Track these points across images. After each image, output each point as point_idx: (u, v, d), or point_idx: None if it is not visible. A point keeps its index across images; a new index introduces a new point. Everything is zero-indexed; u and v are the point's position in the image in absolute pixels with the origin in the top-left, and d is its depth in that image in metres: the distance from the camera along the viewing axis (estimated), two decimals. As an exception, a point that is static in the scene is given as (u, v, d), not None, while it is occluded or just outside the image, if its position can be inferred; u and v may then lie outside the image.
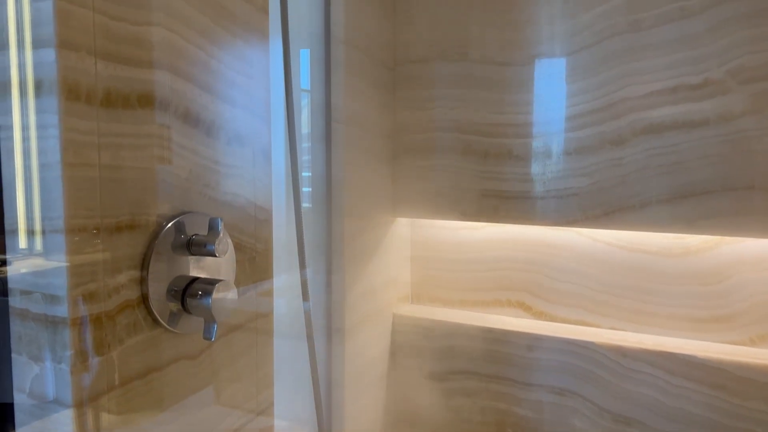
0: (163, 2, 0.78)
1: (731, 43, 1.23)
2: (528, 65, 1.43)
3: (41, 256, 0.69)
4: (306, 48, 1.39)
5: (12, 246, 0.71)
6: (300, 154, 1.37)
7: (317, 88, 1.42)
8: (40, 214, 0.68)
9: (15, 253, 0.71)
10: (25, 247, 0.71)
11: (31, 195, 0.69)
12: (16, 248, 0.71)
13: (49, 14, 0.64)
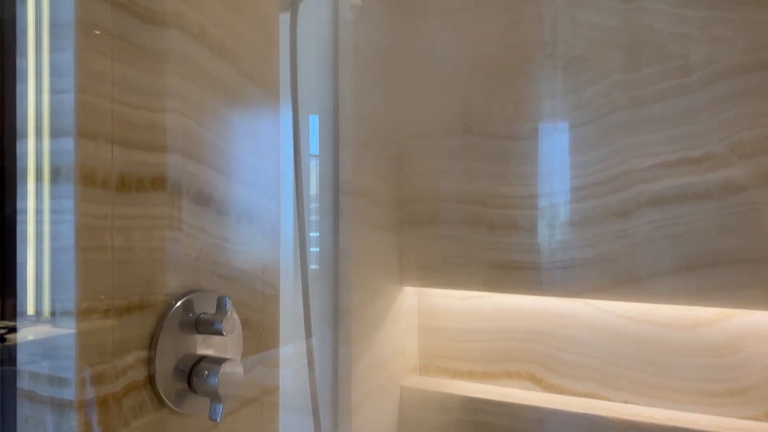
0: (177, 90, 0.82)
1: (730, 119, 1.26)
2: (532, 139, 1.47)
3: (51, 338, 0.70)
4: (315, 114, 1.44)
5: (22, 326, 0.72)
6: (308, 224, 1.39)
7: (325, 156, 1.46)
8: (50, 296, 0.69)
9: (25, 334, 0.71)
10: (35, 329, 0.71)
11: (42, 277, 0.70)
12: (27, 329, 0.72)
13: (71, 105, 0.67)
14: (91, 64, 0.69)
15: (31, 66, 0.71)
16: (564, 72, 1.42)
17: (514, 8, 1.48)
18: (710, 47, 1.27)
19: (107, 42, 0.71)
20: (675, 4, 1.30)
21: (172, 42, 0.81)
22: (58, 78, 0.69)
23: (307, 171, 1.40)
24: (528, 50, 1.47)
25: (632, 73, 1.35)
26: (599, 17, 1.38)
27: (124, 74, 0.73)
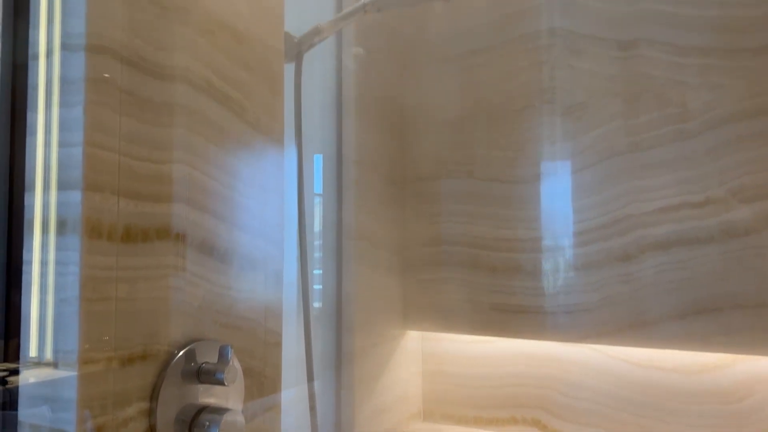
0: (183, 141, 0.83)
1: (730, 164, 1.27)
2: (533, 182, 1.48)
3: (52, 388, 0.69)
4: (319, 153, 1.46)
5: (25, 373, 0.72)
6: (311, 267, 1.40)
7: (329, 196, 1.47)
8: (53, 346, 0.70)
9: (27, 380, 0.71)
10: (37, 375, 0.72)
11: (46, 328, 0.70)
12: (29, 374, 0.72)
13: (79, 159, 0.69)
14: (100, 118, 0.71)
15: (40, 120, 0.73)
16: (563, 118, 1.45)
17: (513, 57, 1.51)
18: (708, 94, 1.29)
19: (116, 97, 0.73)
20: (672, 53, 1.33)
21: (179, 95, 0.82)
22: (67, 132, 0.70)
23: (311, 210, 1.41)
24: (528, 97, 1.49)
25: (631, 119, 1.36)
26: (597, 65, 1.41)
27: (131, 128, 0.75)
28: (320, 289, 1.46)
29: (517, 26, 1.52)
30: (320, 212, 1.46)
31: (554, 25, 1.47)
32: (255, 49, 0.96)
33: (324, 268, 1.47)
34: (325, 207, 1.47)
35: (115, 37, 0.73)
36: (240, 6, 0.94)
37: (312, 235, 1.43)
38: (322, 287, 1.45)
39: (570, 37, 1.44)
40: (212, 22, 0.89)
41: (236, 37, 0.93)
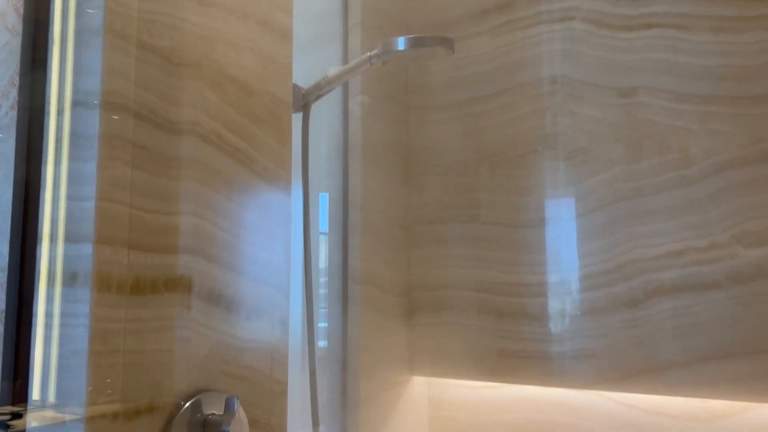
0: (192, 192, 0.85)
1: (734, 209, 1.27)
2: (538, 227, 1.49)
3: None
4: (325, 192, 1.47)
5: (33, 426, 0.72)
6: (316, 313, 1.40)
7: (335, 237, 1.48)
8: (60, 399, 0.70)
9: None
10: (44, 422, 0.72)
11: (53, 380, 0.71)
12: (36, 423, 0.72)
13: (91, 212, 0.70)
14: (113, 173, 0.72)
15: (50, 174, 0.75)
16: (566, 163, 1.46)
17: (515, 103, 1.54)
18: (709, 140, 1.31)
19: (128, 151, 0.75)
20: (672, 99, 1.35)
21: (188, 148, 0.84)
22: (80, 186, 0.72)
23: (316, 249, 1.42)
24: (531, 142, 1.51)
25: (633, 164, 1.38)
26: (598, 111, 1.43)
27: (142, 181, 0.76)
28: (325, 334, 1.46)
29: (519, 74, 1.55)
30: (326, 251, 1.47)
31: (555, 72, 1.50)
32: (263, 101, 0.99)
33: (329, 313, 1.47)
34: (330, 249, 1.48)
35: (128, 93, 0.75)
36: (249, 60, 0.96)
37: (317, 276, 1.44)
38: (327, 332, 1.45)
39: (571, 84, 1.47)
40: (222, 77, 0.91)
41: (245, 91, 0.95)
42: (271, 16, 1.00)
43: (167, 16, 0.81)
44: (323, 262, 1.46)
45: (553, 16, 1.51)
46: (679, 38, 1.35)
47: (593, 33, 1.46)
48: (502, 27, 1.59)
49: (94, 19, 0.72)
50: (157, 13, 0.80)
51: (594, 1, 1.46)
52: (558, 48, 1.50)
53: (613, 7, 1.44)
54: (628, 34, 1.42)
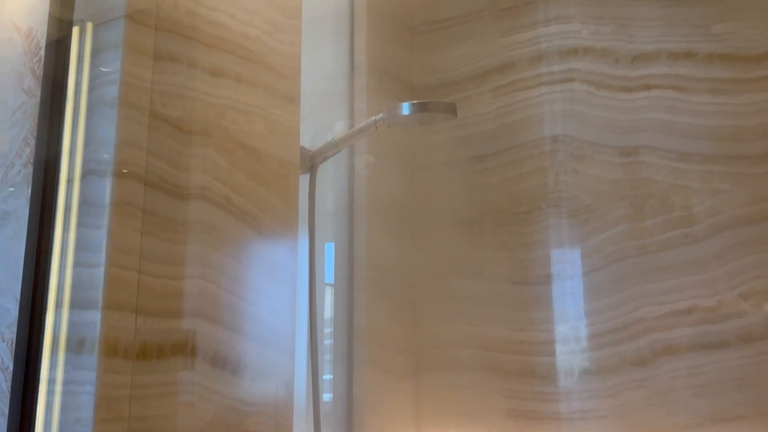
0: (200, 256, 0.86)
1: (739, 268, 1.27)
2: (544, 284, 1.49)
3: None
4: (331, 242, 1.48)
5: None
6: (321, 373, 1.39)
7: (341, 298, 1.48)
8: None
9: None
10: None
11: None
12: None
13: (100, 279, 0.72)
14: (123, 239, 0.74)
15: (58, 241, 0.76)
16: (570, 221, 1.47)
17: (518, 161, 1.56)
18: (712, 199, 1.32)
19: (138, 218, 0.76)
20: (674, 158, 1.37)
21: (197, 212, 0.86)
22: (90, 253, 0.73)
23: (321, 303, 1.42)
24: (534, 200, 1.53)
25: (637, 222, 1.39)
26: (600, 170, 1.45)
27: (151, 246, 0.78)
28: (330, 393, 1.44)
29: (521, 133, 1.58)
30: (331, 302, 1.47)
31: (557, 132, 1.53)
32: (272, 165, 1.01)
33: (334, 372, 1.46)
34: (336, 304, 1.48)
35: (140, 161, 0.78)
36: (258, 126, 0.99)
37: (323, 333, 1.43)
38: (332, 390, 1.43)
39: (573, 144, 1.50)
40: (232, 142, 0.94)
41: (254, 155, 0.98)
42: (279, 83, 1.04)
43: (180, 87, 0.85)
44: (328, 316, 1.46)
45: (553, 77, 1.55)
46: (678, 99, 1.38)
47: (593, 94, 1.49)
48: (504, 88, 1.63)
49: (110, 92, 0.75)
50: (170, 85, 0.83)
51: (593, 63, 1.50)
52: (559, 108, 1.53)
53: (612, 69, 1.47)
54: (627, 95, 1.45)
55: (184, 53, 0.86)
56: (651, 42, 1.43)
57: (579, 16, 1.53)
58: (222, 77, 0.92)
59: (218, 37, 0.91)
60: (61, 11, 0.84)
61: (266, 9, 1.01)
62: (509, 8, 1.63)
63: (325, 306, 1.46)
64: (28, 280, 0.79)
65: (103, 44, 0.79)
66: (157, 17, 0.81)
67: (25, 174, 0.84)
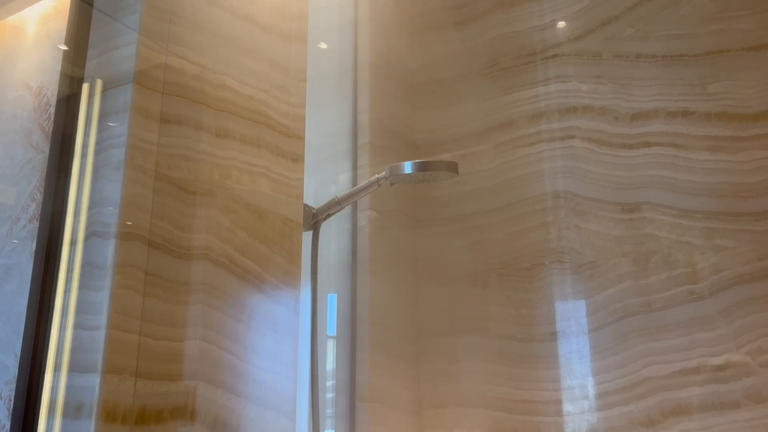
0: (201, 317, 0.86)
1: (746, 326, 1.26)
2: (550, 341, 1.47)
3: None
4: (333, 293, 1.47)
5: None
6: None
7: (342, 355, 1.46)
8: None
9: None
10: None
11: None
12: None
13: (101, 342, 0.71)
14: (125, 301, 0.74)
15: (59, 301, 0.76)
16: (574, 277, 1.47)
17: (520, 217, 1.57)
18: (715, 256, 1.31)
19: (141, 279, 0.76)
20: (675, 215, 1.38)
21: (200, 273, 0.86)
22: (91, 316, 0.73)
23: (323, 358, 1.40)
24: (537, 256, 1.52)
25: (642, 279, 1.38)
26: (603, 226, 1.45)
27: (152, 308, 0.78)
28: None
29: (523, 189, 1.59)
30: (333, 356, 1.45)
31: (558, 188, 1.54)
32: (275, 224, 1.02)
33: (336, 431, 1.42)
34: (338, 361, 1.46)
35: (144, 223, 0.78)
36: (262, 185, 1.00)
37: (324, 391, 1.41)
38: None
39: (574, 200, 1.51)
40: (236, 202, 0.95)
41: (258, 215, 0.98)
42: (284, 143, 1.06)
43: (185, 149, 0.86)
44: (330, 368, 1.44)
45: (553, 135, 1.57)
46: (678, 156, 1.40)
47: (594, 151, 1.51)
48: (504, 144, 1.65)
49: (116, 154, 0.76)
50: (176, 147, 0.85)
51: (593, 121, 1.52)
52: (560, 165, 1.55)
53: (612, 126, 1.49)
54: (627, 152, 1.46)
55: (191, 116, 0.87)
56: (649, 101, 1.45)
57: (578, 76, 1.57)
58: (227, 138, 0.94)
59: (224, 99, 0.94)
60: (72, 69, 0.86)
61: (272, 72, 1.04)
62: (508, 68, 1.66)
63: (327, 359, 1.44)
64: (29, 338, 0.78)
65: (111, 107, 0.81)
66: (165, 82, 0.83)
67: (30, 229, 0.85)
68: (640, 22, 1.50)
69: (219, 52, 0.93)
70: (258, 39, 1.02)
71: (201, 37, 0.91)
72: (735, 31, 1.38)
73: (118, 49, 0.81)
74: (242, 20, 0.99)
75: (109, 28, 0.86)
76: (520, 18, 1.68)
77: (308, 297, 1.29)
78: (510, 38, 1.68)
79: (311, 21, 1.24)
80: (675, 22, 1.45)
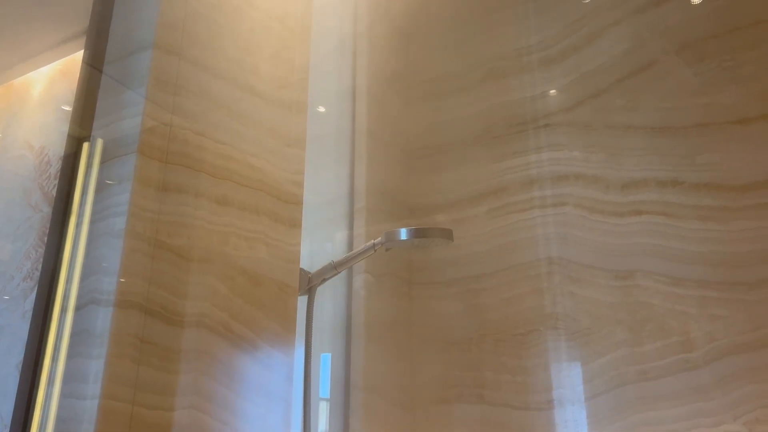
0: (194, 385, 0.85)
1: (743, 396, 1.25)
2: (547, 410, 1.45)
3: None
4: (327, 353, 1.45)
5: None
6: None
7: (336, 421, 1.43)
8: None
9: None
10: None
11: None
12: None
13: (93, 412, 0.70)
14: (119, 370, 0.73)
15: (45, 371, 0.75)
16: (569, 344, 1.46)
17: (514, 282, 1.58)
18: (709, 325, 1.32)
19: (136, 348, 0.76)
20: (668, 283, 1.38)
21: (195, 341, 0.86)
22: (84, 384, 0.72)
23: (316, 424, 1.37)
24: (532, 322, 1.52)
25: (637, 347, 1.38)
26: (597, 293, 1.46)
27: (146, 376, 0.77)
28: None
29: (516, 254, 1.60)
30: (326, 419, 1.43)
31: (552, 254, 1.55)
32: (271, 289, 1.02)
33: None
34: (331, 425, 1.43)
35: (142, 291, 0.79)
36: (260, 251, 1.01)
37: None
38: None
39: (568, 266, 1.52)
40: (233, 269, 0.95)
41: (254, 281, 0.99)
42: (282, 210, 1.07)
43: (185, 217, 0.87)
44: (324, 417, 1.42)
45: (545, 201, 1.60)
46: (669, 225, 1.42)
47: (586, 218, 1.53)
48: (498, 210, 1.67)
49: (117, 223, 0.77)
50: (175, 215, 0.86)
51: (584, 189, 1.55)
52: (552, 231, 1.57)
53: (603, 194, 1.52)
54: (619, 219, 1.49)
55: (191, 184, 0.89)
56: (639, 170, 1.49)
57: (569, 144, 1.61)
58: (226, 206, 0.95)
59: (224, 168, 0.96)
60: (78, 131, 0.88)
61: (272, 140, 1.06)
62: (500, 136, 1.71)
63: (320, 421, 1.42)
64: (20, 407, 0.77)
65: (114, 175, 0.82)
66: (168, 152, 0.85)
67: (24, 288, 0.85)
68: (629, 94, 1.55)
69: (221, 122, 0.96)
70: (259, 108, 1.05)
71: (204, 108, 0.94)
72: (720, 105, 1.43)
73: (123, 120, 0.84)
74: (244, 91, 1.03)
75: (116, 96, 0.89)
76: (512, 88, 1.73)
77: (302, 359, 1.28)
78: (502, 108, 1.73)
79: (311, 87, 1.28)
80: (662, 95, 1.50)
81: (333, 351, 1.49)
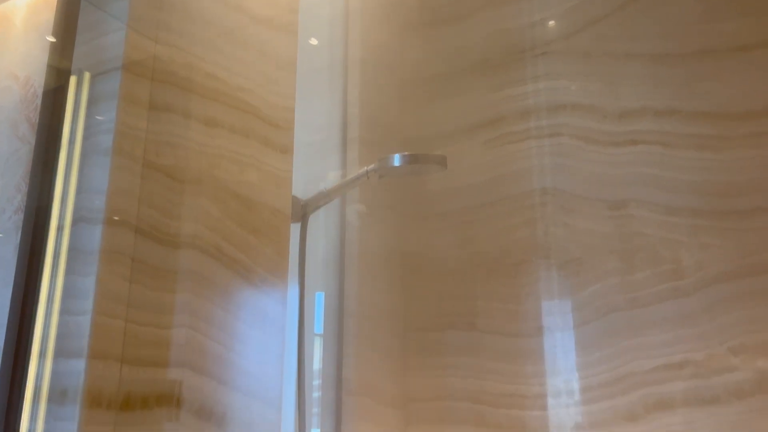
0: (188, 305, 0.86)
1: (729, 322, 1.27)
2: (536, 337, 1.48)
3: None
4: (321, 291, 1.47)
5: None
6: (309, 424, 1.36)
7: (329, 349, 1.46)
8: None
9: None
10: None
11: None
12: None
13: (86, 327, 0.71)
14: (111, 287, 0.74)
15: (45, 288, 0.75)
16: (561, 273, 1.48)
17: (508, 213, 1.58)
18: (700, 253, 1.33)
19: (127, 266, 0.76)
20: (662, 212, 1.39)
21: (187, 261, 0.86)
22: (76, 300, 0.73)
23: (310, 354, 1.40)
24: (524, 252, 1.53)
25: (627, 275, 1.39)
26: (590, 223, 1.46)
27: (139, 294, 0.77)
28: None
29: (511, 185, 1.60)
30: (320, 355, 1.45)
31: (546, 185, 1.55)
32: (263, 214, 1.02)
33: (322, 426, 1.42)
34: (325, 356, 1.46)
35: (132, 210, 0.78)
36: (251, 176, 1.00)
37: (311, 386, 1.41)
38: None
39: (562, 197, 1.52)
40: (225, 192, 0.95)
41: (246, 205, 0.98)
42: (273, 134, 1.06)
43: (174, 137, 0.86)
44: (317, 367, 1.44)
45: (542, 131, 1.58)
46: (664, 154, 1.41)
47: (582, 148, 1.52)
48: (493, 141, 1.65)
49: (104, 141, 0.76)
50: (164, 134, 0.84)
51: (581, 119, 1.53)
52: (548, 162, 1.56)
53: (600, 124, 1.50)
54: (615, 149, 1.48)
55: (180, 104, 0.87)
56: (637, 99, 1.46)
57: (567, 74, 1.58)
58: (216, 128, 0.94)
59: (214, 88, 0.93)
60: (59, 61, 0.86)
61: (262, 62, 1.04)
62: (498, 65, 1.67)
63: (314, 357, 1.44)
64: (12, 328, 0.78)
65: (99, 94, 0.81)
66: (154, 69, 0.83)
67: (16, 220, 0.85)
68: (629, 21, 1.51)
69: (209, 42, 0.93)
70: (248, 30, 1.02)
71: (191, 25, 0.91)
72: (721, 31, 1.40)
73: (107, 35, 0.81)
74: (233, 10, 0.99)
75: (97, 16, 0.86)
76: (510, 16, 1.69)
77: (296, 293, 1.29)
78: (500, 36, 1.69)
79: (302, 16, 1.24)
80: (662, 22, 1.47)
81: (327, 285, 1.50)
